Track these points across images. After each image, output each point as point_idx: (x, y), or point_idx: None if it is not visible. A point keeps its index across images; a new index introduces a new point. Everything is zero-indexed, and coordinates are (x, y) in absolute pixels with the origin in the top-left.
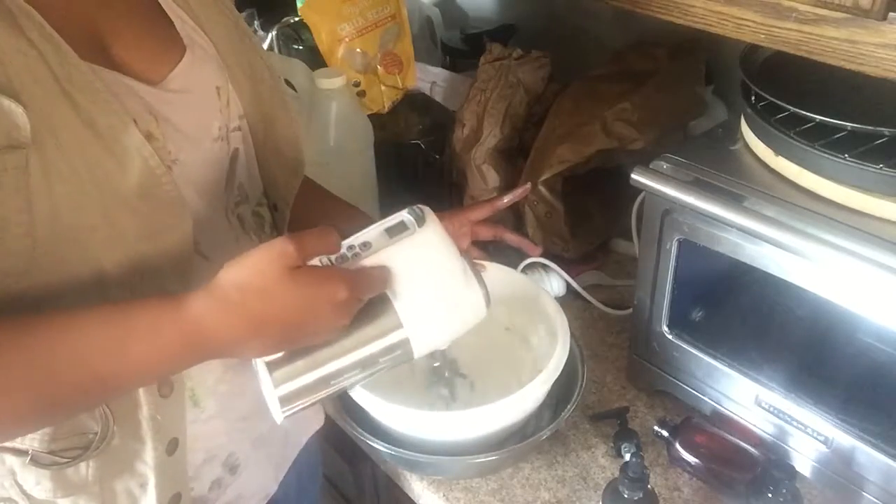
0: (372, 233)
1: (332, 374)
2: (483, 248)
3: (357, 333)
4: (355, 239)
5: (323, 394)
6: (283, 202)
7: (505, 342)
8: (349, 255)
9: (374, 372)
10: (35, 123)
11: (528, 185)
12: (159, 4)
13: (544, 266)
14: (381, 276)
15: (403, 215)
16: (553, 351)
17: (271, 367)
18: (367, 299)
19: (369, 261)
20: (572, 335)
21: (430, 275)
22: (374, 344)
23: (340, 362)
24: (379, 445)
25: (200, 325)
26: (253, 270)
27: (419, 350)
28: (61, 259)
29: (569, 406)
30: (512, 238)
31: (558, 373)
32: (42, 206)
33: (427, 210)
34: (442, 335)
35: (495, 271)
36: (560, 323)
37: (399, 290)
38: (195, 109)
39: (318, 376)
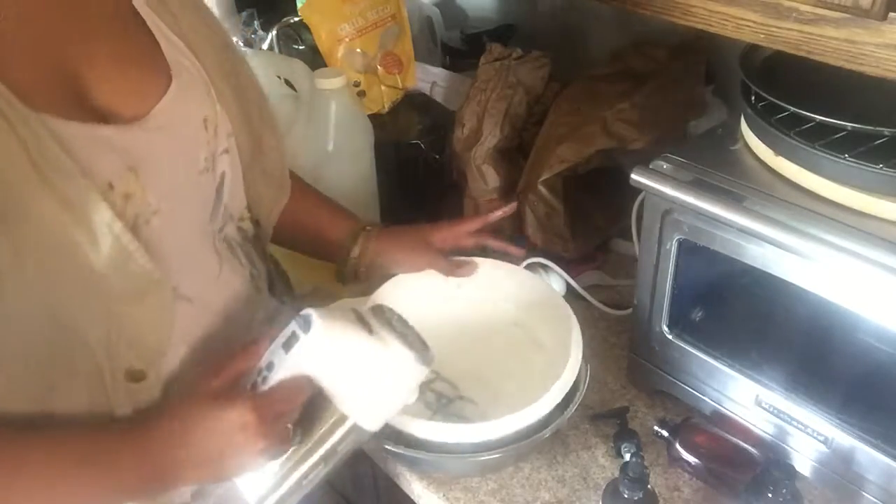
0: (273, 352)
1: (300, 478)
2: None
3: (309, 439)
4: (262, 362)
5: (299, 495)
6: (266, 219)
7: (515, 340)
8: (259, 379)
9: (339, 458)
10: (6, 202)
11: (515, 204)
12: (145, 25)
13: (544, 266)
14: (284, 392)
15: (293, 326)
16: (565, 352)
17: (248, 489)
18: (283, 418)
19: (276, 378)
20: None
21: (338, 365)
22: (328, 441)
23: (304, 467)
24: (384, 444)
25: (155, 466)
26: (184, 414)
27: (372, 426)
28: (31, 320)
29: (571, 406)
30: (494, 244)
31: (575, 375)
32: (12, 282)
33: (312, 313)
34: (388, 405)
35: (507, 270)
36: (573, 325)
37: (325, 385)
38: (180, 146)
39: (289, 486)
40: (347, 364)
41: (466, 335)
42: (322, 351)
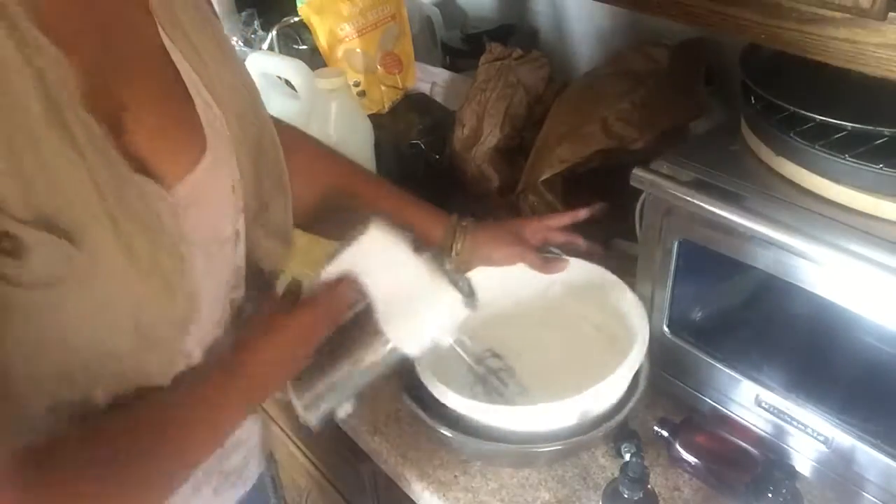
0: (334, 251)
1: (330, 384)
2: None
3: (354, 352)
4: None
5: (332, 401)
6: (268, 280)
7: (581, 332)
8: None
9: (371, 371)
10: (79, 256)
11: (606, 205)
12: (178, 73)
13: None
14: (333, 286)
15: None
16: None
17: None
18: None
19: (330, 272)
20: None
21: (382, 273)
22: (360, 350)
23: (336, 374)
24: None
25: (253, 383)
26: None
27: (403, 345)
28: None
29: (637, 393)
30: (582, 242)
31: (645, 346)
32: (70, 338)
33: (373, 219)
34: (420, 330)
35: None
36: (638, 310)
37: (370, 290)
38: (210, 218)
39: (324, 387)
40: (390, 274)
41: (531, 324)
42: (371, 252)
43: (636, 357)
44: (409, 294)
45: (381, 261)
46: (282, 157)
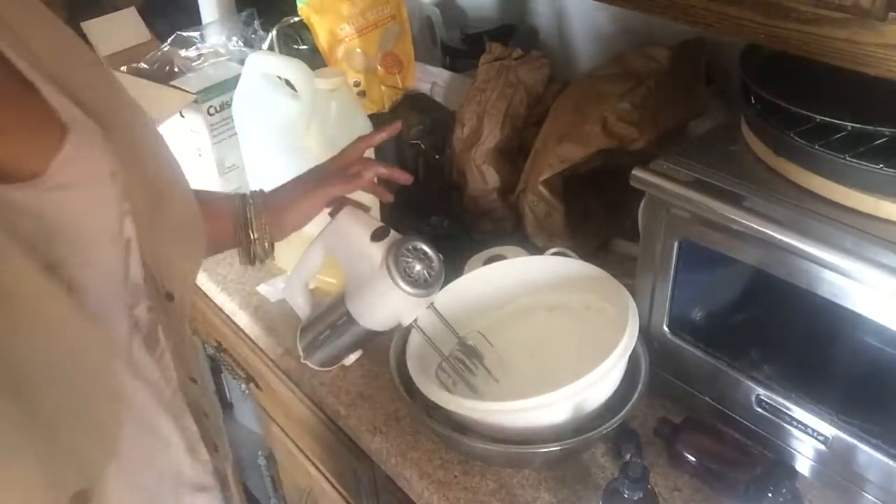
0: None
1: (314, 337)
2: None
3: (332, 313)
4: None
5: (319, 353)
6: (179, 289)
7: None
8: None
9: (343, 337)
10: None
11: (399, 123)
12: (24, 77)
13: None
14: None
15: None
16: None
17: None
18: None
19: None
20: None
21: (343, 255)
22: (330, 314)
23: (314, 331)
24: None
25: None
26: None
27: (360, 319)
28: None
29: (637, 392)
30: (383, 171)
31: (634, 337)
32: None
33: (347, 208)
34: (372, 311)
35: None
36: (627, 302)
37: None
38: (90, 207)
39: (311, 337)
40: (352, 255)
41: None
42: (340, 234)
43: (624, 347)
44: (363, 275)
45: (346, 242)
46: (155, 127)
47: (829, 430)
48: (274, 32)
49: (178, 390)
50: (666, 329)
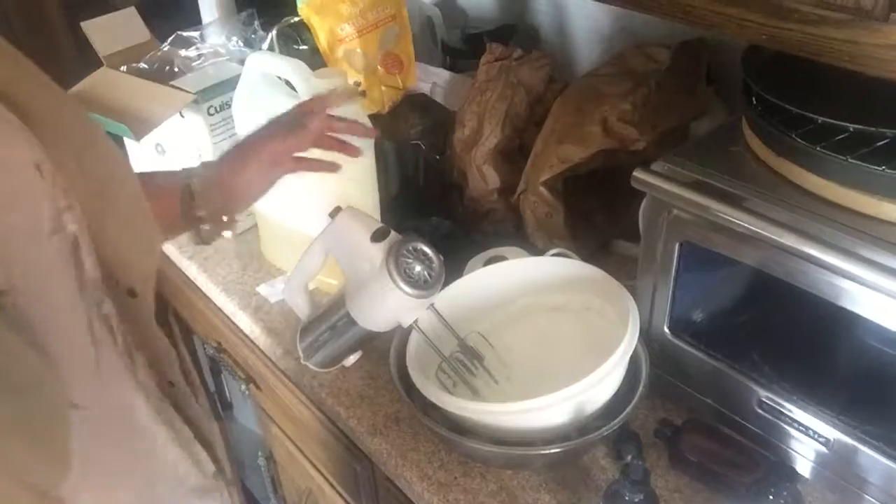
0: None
1: (317, 335)
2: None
3: (332, 313)
4: None
5: (319, 353)
6: (142, 286)
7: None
8: None
9: (343, 336)
10: None
11: (375, 131)
12: None
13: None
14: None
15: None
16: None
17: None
18: None
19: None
20: None
21: (341, 255)
22: (330, 315)
23: (317, 331)
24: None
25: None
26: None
27: (359, 319)
28: None
29: (637, 394)
30: (338, 125)
31: (635, 339)
32: None
33: (345, 207)
34: (371, 312)
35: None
36: (626, 298)
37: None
38: (14, 199)
39: (310, 338)
40: (351, 255)
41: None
42: (339, 234)
43: (624, 349)
44: (363, 276)
45: (345, 243)
46: (86, 115)
47: (830, 432)
48: (274, 32)
49: (156, 391)
50: (667, 330)
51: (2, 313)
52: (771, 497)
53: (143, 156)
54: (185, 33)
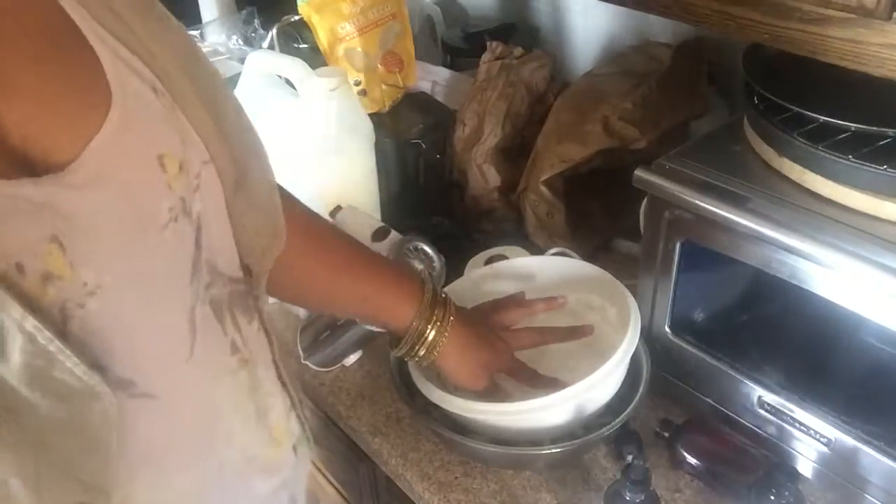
0: None
1: (316, 333)
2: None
3: None
4: None
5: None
6: (258, 265)
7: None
8: None
9: (349, 336)
10: None
11: (564, 300)
12: (83, 36)
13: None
14: None
15: None
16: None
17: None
18: None
19: None
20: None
21: None
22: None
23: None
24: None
25: None
26: None
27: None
28: None
29: (638, 393)
30: (556, 335)
31: (636, 340)
32: None
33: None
34: None
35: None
36: (628, 298)
37: None
38: (127, 197)
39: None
40: None
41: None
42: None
43: (625, 349)
44: None
45: None
46: (242, 108)
47: (831, 431)
48: (274, 31)
49: (269, 365)
50: (668, 330)
51: (71, 324)
52: (772, 497)
53: None
54: None
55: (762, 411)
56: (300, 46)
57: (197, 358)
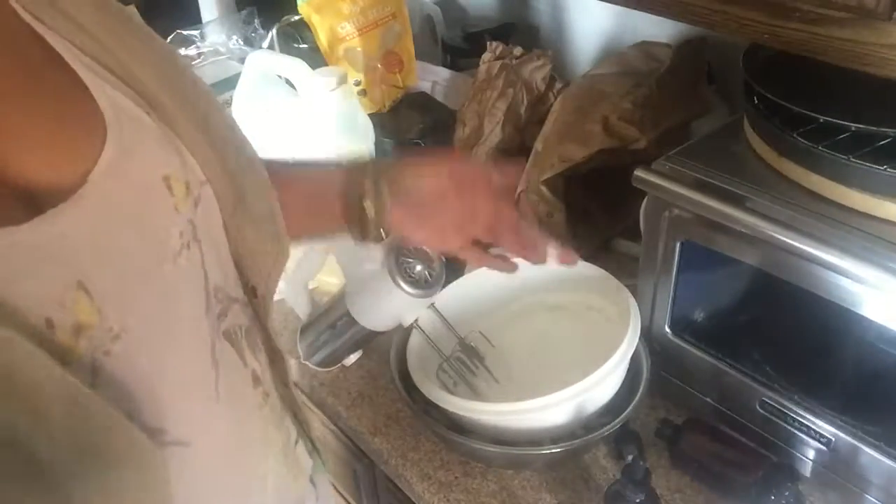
0: None
1: (318, 334)
2: None
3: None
4: None
5: (321, 352)
6: (265, 286)
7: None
8: None
9: (343, 335)
10: None
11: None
12: (63, 62)
13: None
14: None
15: None
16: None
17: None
18: None
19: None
20: None
21: (342, 261)
22: (331, 314)
23: (317, 329)
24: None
25: None
26: None
27: (360, 319)
28: None
29: (639, 393)
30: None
31: (636, 339)
32: None
33: None
34: (373, 310)
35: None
36: (629, 303)
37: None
38: (138, 227)
39: (310, 337)
40: (349, 258)
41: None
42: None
43: (625, 349)
44: (363, 276)
45: (346, 242)
46: (234, 121)
47: (831, 431)
48: (274, 31)
49: (275, 397)
50: (668, 330)
51: (101, 375)
52: (772, 497)
53: None
54: (185, 32)
55: (762, 411)
56: (300, 46)
57: (223, 396)
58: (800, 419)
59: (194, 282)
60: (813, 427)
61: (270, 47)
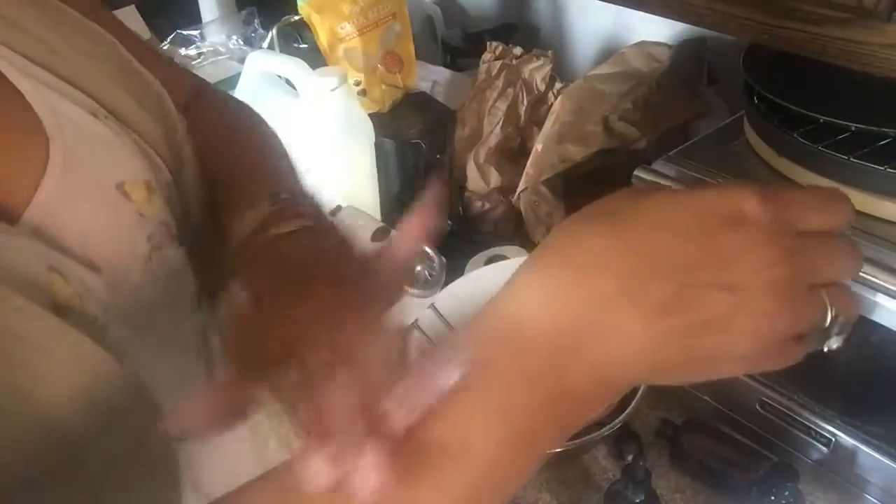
0: None
1: None
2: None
3: None
4: None
5: None
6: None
7: None
8: None
9: None
10: None
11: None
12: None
13: None
14: None
15: None
16: None
17: None
18: None
19: None
20: None
21: None
22: None
23: None
24: None
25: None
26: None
27: None
28: None
29: (638, 393)
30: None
31: None
32: None
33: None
34: None
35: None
36: None
37: None
38: (98, 239)
39: None
40: None
41: None
42: None
43: None
44: None
45: None
46: (165, 95)
47: (831, 432)
48: (274, 31)
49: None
50: None
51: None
52: (772, 497)
53: None
54: (184, 32)
55: (762, 411)
56: (300, 46)
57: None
58: (799, 419)
59: (172, 282)
60: (813, 427)
61: (270, 47)
